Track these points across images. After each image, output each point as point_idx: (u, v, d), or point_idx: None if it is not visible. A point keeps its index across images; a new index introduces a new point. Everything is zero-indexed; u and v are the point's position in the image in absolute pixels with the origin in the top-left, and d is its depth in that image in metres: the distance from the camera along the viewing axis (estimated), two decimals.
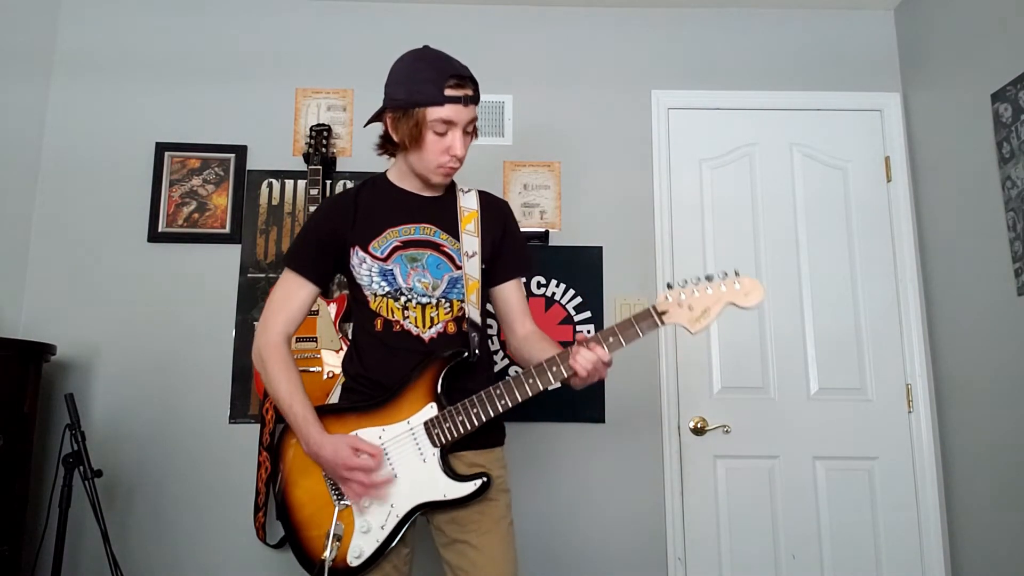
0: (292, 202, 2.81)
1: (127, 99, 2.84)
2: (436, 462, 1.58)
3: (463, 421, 1.58)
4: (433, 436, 1.58)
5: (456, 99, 1.58)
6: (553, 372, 1.57)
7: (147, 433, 2.62)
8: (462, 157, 1.65)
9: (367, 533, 1.57)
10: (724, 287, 1.57)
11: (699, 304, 1.57)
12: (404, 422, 1.60)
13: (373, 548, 1.56)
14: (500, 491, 1.66)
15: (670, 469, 2.66)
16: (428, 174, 1.67)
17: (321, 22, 2.93)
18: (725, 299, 1.57)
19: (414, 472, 1.58)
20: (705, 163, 2.90)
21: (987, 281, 2.43)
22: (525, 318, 1.79)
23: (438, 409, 1.59)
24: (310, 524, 1.60)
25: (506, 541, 1.63)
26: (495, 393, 1.58)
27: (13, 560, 2.29)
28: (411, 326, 1.66)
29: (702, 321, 1.57)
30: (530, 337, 1.76)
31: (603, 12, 2.97)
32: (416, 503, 1.58)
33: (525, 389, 1.57)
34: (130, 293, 2.70)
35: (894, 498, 2.65)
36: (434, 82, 1.57)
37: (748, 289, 1.57)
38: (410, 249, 1.68)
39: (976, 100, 2.47)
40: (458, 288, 1.68)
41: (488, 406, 1.58)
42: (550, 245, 2.80)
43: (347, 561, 1.56)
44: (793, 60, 2.96)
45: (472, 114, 1.63)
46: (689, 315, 1.57)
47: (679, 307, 1.57)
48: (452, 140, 1.61)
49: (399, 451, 1.59)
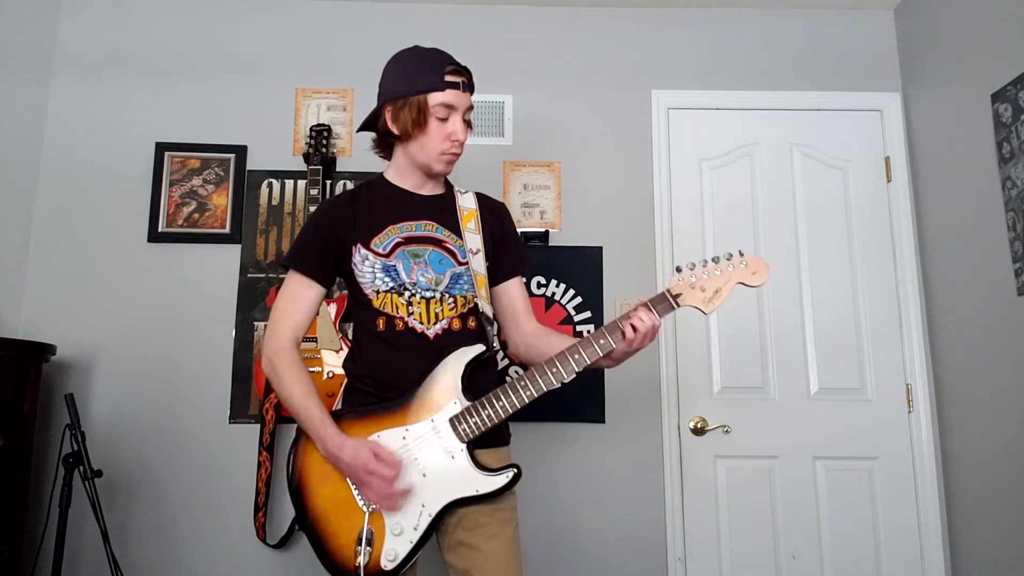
0: (292, 202, 2.81)
1: (127, 99, 2.84)
2: (466, 457, 1.57)
3: (489, 415, 1.57)
4: (460, 432, 1.57)
5: (455, 84, 1.64)
6: (591, 350, 1.58)
7: (147, 433, 2.62)
8: (463, 143, 1.68)
9: (400, 535, 1.54)
10: (732, 267, 1.62)
11: (711, 285, 1.61)
12: (428, 420, 1.59)
13: (408, 549, 1.54)
14: (508, 494, 1.64)
15: (670, 469, 2.66)
16: (431, 162, 1.68)
17: (321, 22, 2.94)
18: (735, 279, 1.62)
19: (443, 469, 1.57)
20: (705, 163, 2.90)
21: (987, 281, 2.43)
22: (529, 316, 1.79)
23: (463, 404, 1.59)
24: (338, 533, 1.56)
25: (512, 546, 1.62)
26: (519, 384, 1.58)
27: (13, 560, 2.29)
28: (415, 322, 1.64)
29: (715, 302, 1.61)
30: (539, 332, 1.76)
31: (603, 12, 2.97)
32: (449, 500, 1.56)
33: (550, 378, 1.58)
34: (130, 293, 2.70)
35: (894, 498, 2.65)
36: (433, 70, 1.63)
37: (755, 268, 1.62)
38: (412, 245, 1.68)
39: (976, 100, 2.47)
40: (460, 284, 1.68)
41: (513, 396, 1.58)
42: (550, 245, 2.80)
43: (381, 565, 1.53)
44: (793, 60, 2.96)
45: (469, 101, 1.68)
46: (702, 296, 1.61)
47: (692, 289, 1.61)
48: (454, 125, 1.65)
49: (425, 450, 1.57)
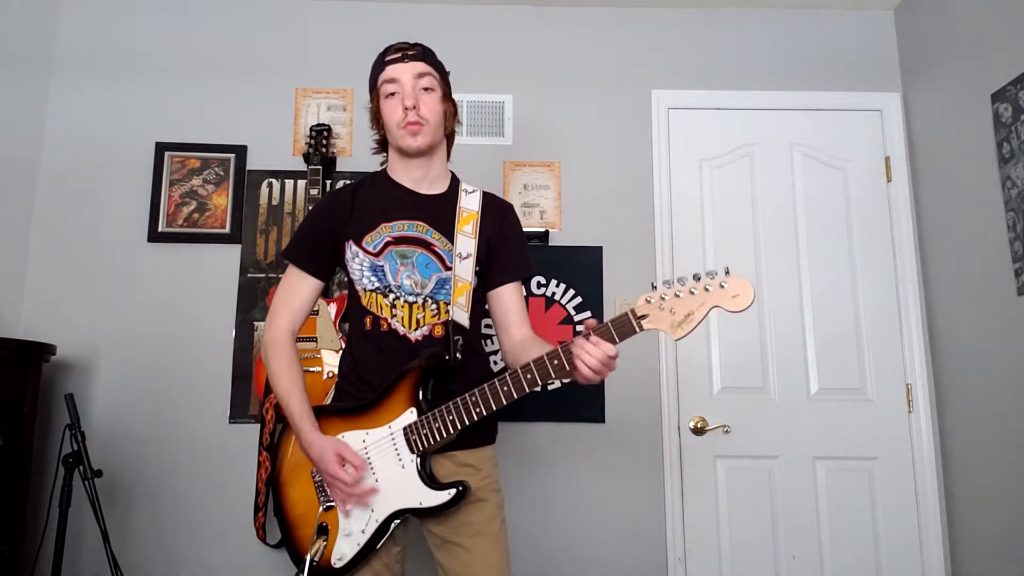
0: (292, 202, 2.81)
1: (127, 99, 2.84)
2: (414, 469, 1.57)
3: (439, 428, 1.55)
4: (411, 442, 1.57)
5: (395, 59, 1.67)
6: (545, 370, 1.50)
7: (147, 433, 2.62)
8: (416, 108, 1.64)
9: (348, 537, 1.58)
10: (709, 288, 1.41)
11: (681, 308, 1.42)
12: (386, 427, 1.59)
13: (354, 551, 1.57)
14: (491, 491, 1.65)
15: (670, 469, 2.66)
16: (397, 140, 1.69)
17: (321, 22, 2.94)
18: (710, 302, 1.41)
19: (393, 478, 1.57)
20: (705, 163, 2.89)
21: (987, 281, 2.43)
22: (522, 323, 1.73)
23: (417, 415, 1.57)
24: (302, 523, 1.62)
25: (498, 542, 1.62)
26: (471, 400, 1.53)
27: (13, 560, 2.29)
28: (398, 325, 1.64)
29: (684, 327, 1.42)
30: (526, 342, 1.69)
31: (603, 12, 2.97)
32: (394, 509, 1.57)
33: (500, 397, 1.52)
34: (130, 293, 2.70)
35: (894, 498, 2.65)
36: (380, 60, 1.71)
37: (736, 290, 1.41)
38: (401, 246, 1.67)
39: (976, 100, 2.47)
40: (446, 290, 1.66)
41: (464, 413, 1.54)
42: (550, 245, 2.80)
43: (331, 563, 1.57)
44: (793, 60, 2.96)
45: (418, 68, 1.66)
46: (671, 319, 1.42)
47: (660, 311, 1.43)
48: (401, 96, 1.65)
49: (380, 456, 1.59)
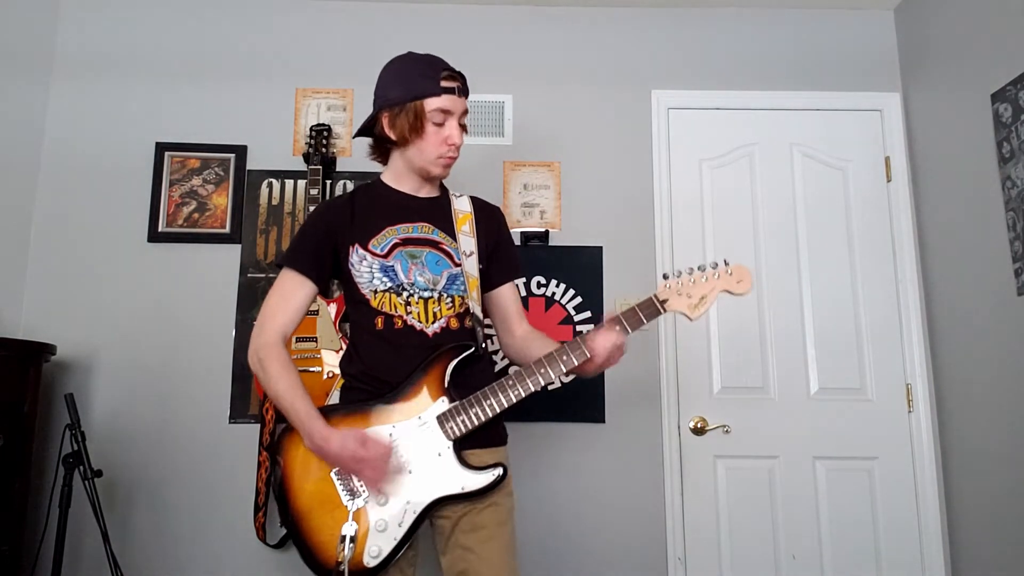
0: (292, 202, 2.81)
1: (127, 99, 2.84)
2: (452, 455, 1.59)
3: (476, 413, 1.60)
4: (447, 429, 1.59)
5: (451, 89, 1.67)
6: (564, 360, 1.63)
7: (147, 433, 2.62)
8: (459, 146, 1.71)
9: (384, 531, 1.55)
10: (718, 275, 1.70)
11: (696, 292, 1.69)
12: (416, 418, 1.60)
13: (392, 546, 1.55)
14: (505, 495, 1.65)
15: (670, 469, 2.66)
16: (429, 166, 1.71)
17: (321, 22, 2.93)
18: (719, 286, 1.70)
19: (429, 467, 1.58)
20: (705, 163, 2.89)
21: (987, 281, 2.43)
22: (520, 320, 1.85)
23: (450, 402, 1.61)
24: (320, 529, 1.56)
25: (507, 548, 1.62)
26: (507, 384, 1.61)
27: (13, 560, 2.29)
28: (414, 321, 1.67)
29: (700, 308, 1.68)
30: (529, 336, 1.81)
31: (603, 12, 2.97)
32: (434, 497, 1.57)
33: (537, 378, 1.62)
34: (130, 293, 2.70)
35: (894, 498, 2.65)
36: (429, 76, 1.66)
37: (739, 276, 1.70)
38: (410, 246, 1.70)
39: (976, 100, 2.47)
40: (457, 284, 1.71)
41: (501, 396, 1.61)
42: (550, 245, 2.80)
43: (363, 562, 1.53)
44: (793, 60, 2.95)
45: (464, 106, 1.72)
46: (688, 302, 1.68)
47: (678, 295, 1.68)
48: (450, 129, 1.68)
49: (413, 446, 1.59)
